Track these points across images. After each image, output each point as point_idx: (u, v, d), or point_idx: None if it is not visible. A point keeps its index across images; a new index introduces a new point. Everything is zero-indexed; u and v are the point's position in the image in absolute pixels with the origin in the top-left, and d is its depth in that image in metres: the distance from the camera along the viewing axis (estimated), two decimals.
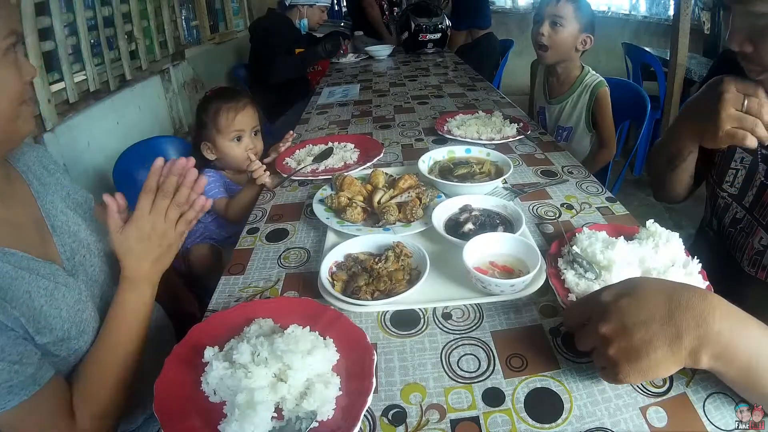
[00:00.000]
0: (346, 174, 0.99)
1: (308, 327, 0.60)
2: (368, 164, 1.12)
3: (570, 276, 0.67)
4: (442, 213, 0.84)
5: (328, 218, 0.87)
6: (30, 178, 0.74)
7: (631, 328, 0.45)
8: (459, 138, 1.26)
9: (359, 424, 0.49)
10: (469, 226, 0.80)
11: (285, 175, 1.11)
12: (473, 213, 0.83)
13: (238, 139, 1.25)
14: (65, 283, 0.66)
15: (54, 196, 0.75)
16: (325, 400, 0.51)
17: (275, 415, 0.50)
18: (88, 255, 0.74)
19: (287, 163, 1.18)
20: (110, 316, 0.67)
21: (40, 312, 0.61)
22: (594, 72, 1.52)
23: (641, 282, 0.50)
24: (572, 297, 0.64)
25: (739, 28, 0.65)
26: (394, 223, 0.85)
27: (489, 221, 0.81)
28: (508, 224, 0.81)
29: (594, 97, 1.47)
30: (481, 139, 1.24)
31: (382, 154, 1.17)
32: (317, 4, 2.67)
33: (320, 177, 1.09)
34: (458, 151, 1.10)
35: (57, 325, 0.62)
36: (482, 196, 0.89)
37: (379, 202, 0.89)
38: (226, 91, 1.31)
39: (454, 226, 0.81)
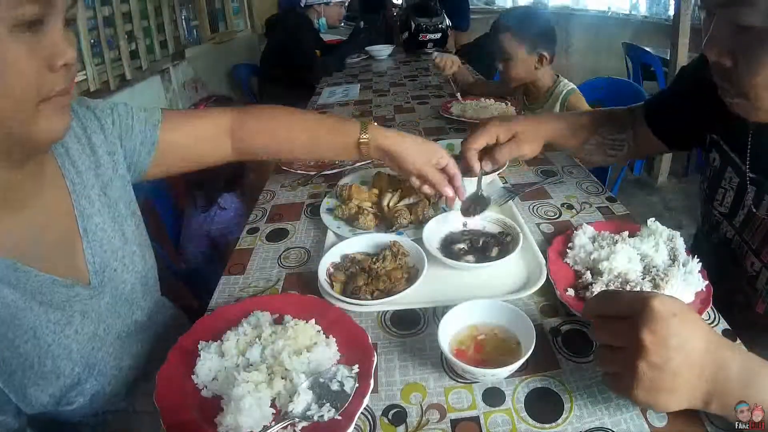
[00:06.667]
0: (350, 183, 0.97)
1: (312, 320, 0.60)
2: (364, 162, 1.13)
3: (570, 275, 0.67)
4: (435, 230, 0.79)
5: (339, 227, 0.84)
6: (66, 164, 0.60)
7: (673, 349, 0.42)
8: (462, 119, 1.38)
9: (353, 424, 0.48)
10: (461, 245, 0.76)
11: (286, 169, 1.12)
12: (466, 235, 0.79)
13: None
14: (83, 311, 0.57)
15: (91, 189, 0.62)
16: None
17: (272, 410, 0.50)
18: (121, 268, 0.63)
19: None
20: None
21: (46, 352, 0.53)
22: (567, 81, 1.52)
23: (690, 312, 0.46)
24: (570, 292, 0.64)
25: (720, 37, 0.56)
26: (407, 226, 0.83)
27: (483, 244, 0.76)
28: (503, 245, 0.76)
29: (564, 106, 1.47)
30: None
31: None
32: (333, 1, 2.66)
33: (321, 173, 1.11)
34: (457, 145, 1.09)
35: (66, 368, 0.55)
36: (479, 219, 0.82)
37: (388, 206, 0.88)
38: None
39: (448, 243, 0.78)
